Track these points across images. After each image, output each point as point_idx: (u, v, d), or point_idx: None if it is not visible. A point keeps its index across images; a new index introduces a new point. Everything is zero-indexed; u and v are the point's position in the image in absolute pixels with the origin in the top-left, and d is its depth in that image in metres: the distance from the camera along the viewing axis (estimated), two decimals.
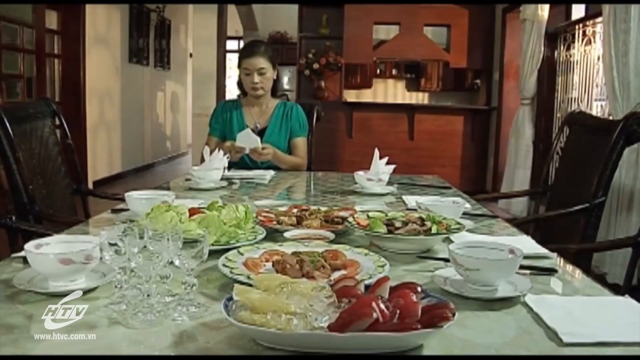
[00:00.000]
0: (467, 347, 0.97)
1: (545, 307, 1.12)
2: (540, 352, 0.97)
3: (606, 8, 4.07)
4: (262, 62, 3.06)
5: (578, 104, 5.44)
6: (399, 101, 8.94)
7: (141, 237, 1.07)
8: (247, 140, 2.91)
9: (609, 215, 3.90)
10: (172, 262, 1.07)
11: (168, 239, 1.05)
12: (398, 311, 0.92)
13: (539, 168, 6.10)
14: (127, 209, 1.89)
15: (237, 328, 0.92)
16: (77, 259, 1.16)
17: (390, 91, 9.32)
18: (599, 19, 4.94)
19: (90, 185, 7.20)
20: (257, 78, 3.06)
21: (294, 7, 8.14)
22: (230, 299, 0.97)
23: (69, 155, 2.83)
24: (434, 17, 7.70)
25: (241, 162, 3.07)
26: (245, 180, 2.75)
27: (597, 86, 5.20)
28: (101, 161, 7.67)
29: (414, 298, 0.96)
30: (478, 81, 8.09)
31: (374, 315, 0.87)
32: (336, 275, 1.24)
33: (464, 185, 7.63)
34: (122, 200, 2.01)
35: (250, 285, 1.07)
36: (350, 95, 8.40)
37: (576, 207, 2.55)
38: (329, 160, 7.20)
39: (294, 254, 1.30)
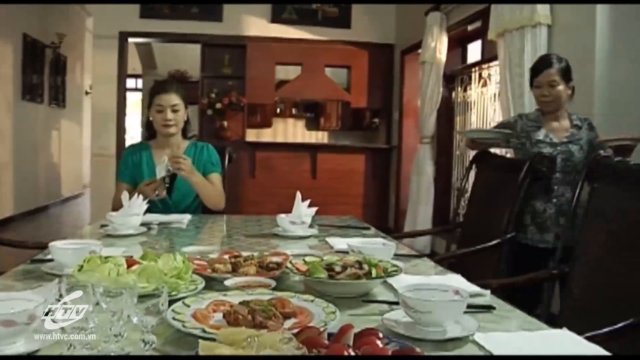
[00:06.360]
0: None
1: (495, 344, 1.17)
2: None
3: (501, 53, 4.36)
4: (175, 99, 3.00)
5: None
6: (299, 140, 9.06)
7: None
8: (162, 167, 2.86)
9: None
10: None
11: (125, 295, 1.01)
12: None
13: (441, 204, 6.36)
14: (50, 260, 1.79)
15: None
16: (20, 320, 1.07)
17: (290, 130, 9.45)
18: (493, 63, 5.28)
19: None
20: (170, 115, 2.99)
21: (195, 46, 8.11)
22: (197, 356, 0.95)
23: None
24: (334, 58, 7.90)
25: (154, 207, 2.99)
26: (163, 225, 2.68)
27: (492, 124, 5.49)
28: None
29: (380, 344, 0.97)
30: (376, 120, 8.34)
31: None
32: (288, 323, 1.24)
33: (366, 222, 7.79)
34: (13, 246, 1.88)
35: (207, 339, 1.05)
36: (251, 135, 8.40)
37: (490, 243, 2.69)
38: (232, 200, 7.14)
39: (243, 303, 1.28)
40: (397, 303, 1.40)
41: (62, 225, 8.12)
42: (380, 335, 1.04)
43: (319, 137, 9.32)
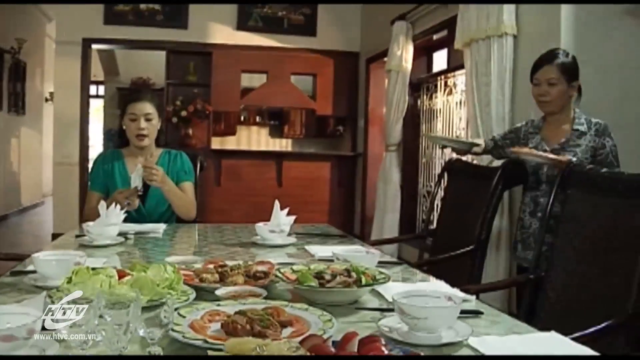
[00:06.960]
0: None
1: (489, 348, 1.20)
2: None
3: (468, 62, 4.43)
4: (149, 108, 2.98)
5: (442, 150, 5.82)
6: (263, 148, 9.06)
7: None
8: (137, 176, 2.84)
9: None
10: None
11: (130, 307, 1.00)
12: None
13: (407, 212, 6.42)
14: (31, 272, 1.76)
15: None
16: (19, 335, 1.05)
17: (254, 138, 9.43)
18: (459, 72, 5.37)
19: None
20: (143, 124, 2.97)
21: (158, 53, 8.03)
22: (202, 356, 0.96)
23: None
24: (300, 66, 7.91)
25: (128, 216, 2.95)
26: (139, 234, 2.65)
27: (458, 131, 5.58)
28: None
29: (385, 350, 0.99)
30: (341, 128, 8.37)
31: None
32: (286, 332, 1.25)
33: None
34: None
35: (210, 349, 1.05)
36: (215, 143, 8.34)
37: (464, 249, 2.74)
38: (198, 209, 7.08)
39: (240, 313, 1.29)
40: (388, 310, 1.43)
41: (24, 235, 7.93)
42: (383, 341, 1.06)
43: (283, 144, 9.33)
